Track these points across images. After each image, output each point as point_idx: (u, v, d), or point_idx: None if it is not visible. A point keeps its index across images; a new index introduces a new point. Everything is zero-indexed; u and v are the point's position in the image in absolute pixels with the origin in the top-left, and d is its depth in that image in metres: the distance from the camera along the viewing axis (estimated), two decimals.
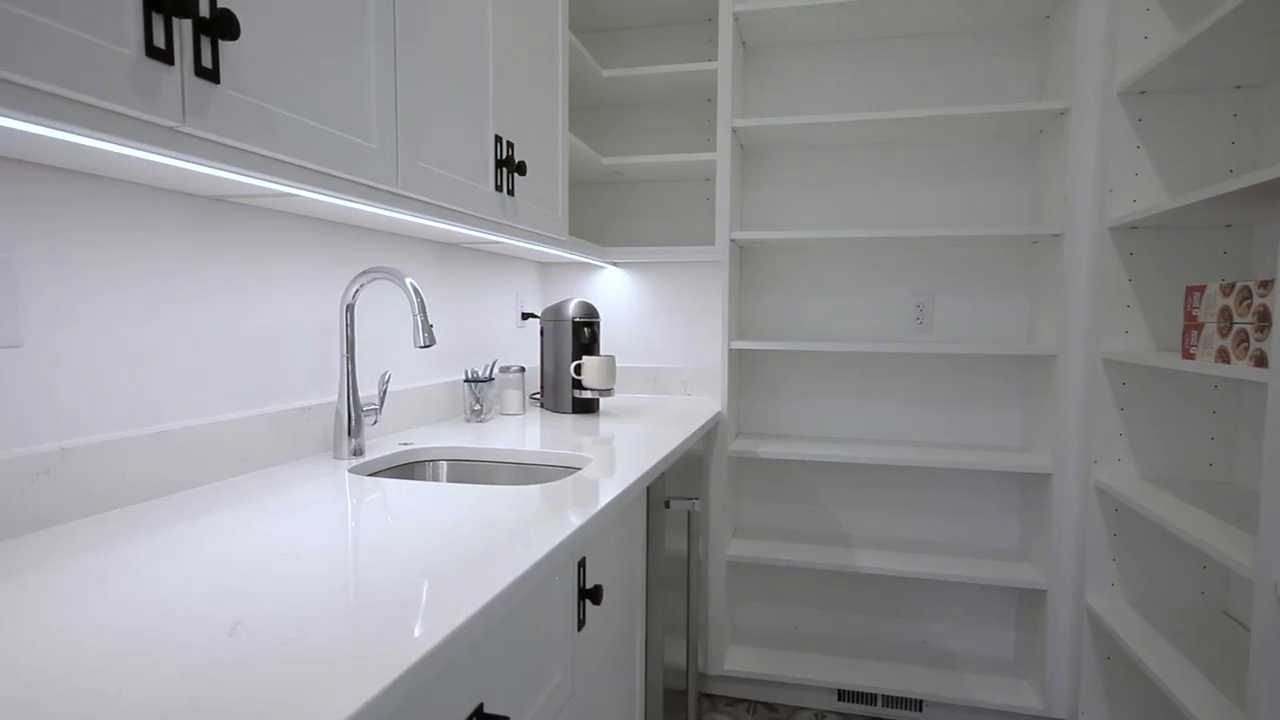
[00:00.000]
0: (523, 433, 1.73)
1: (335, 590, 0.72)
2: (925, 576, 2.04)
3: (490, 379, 1.86)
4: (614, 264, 2.50)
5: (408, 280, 1.29)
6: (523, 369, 1.99)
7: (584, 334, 2.04)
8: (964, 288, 2.24)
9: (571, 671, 1.04)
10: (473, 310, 2.04)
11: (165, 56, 0.71)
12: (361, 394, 1.53)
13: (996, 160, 2.19)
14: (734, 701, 2.24)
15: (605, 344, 2.55)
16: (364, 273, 1.32)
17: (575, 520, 0.98)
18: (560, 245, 1.84)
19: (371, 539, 0.89)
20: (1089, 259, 1.90)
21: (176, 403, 1.11)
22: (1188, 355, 1.51)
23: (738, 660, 2.25)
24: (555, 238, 1.76)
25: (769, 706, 2.22)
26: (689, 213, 2.46)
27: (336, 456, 1.35)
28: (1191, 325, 1.50)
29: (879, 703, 2.16)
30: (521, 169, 1.47)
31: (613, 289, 2.53)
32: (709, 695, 2.28)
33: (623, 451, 1.49)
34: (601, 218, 2.53)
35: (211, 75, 0.76)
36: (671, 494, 1.69)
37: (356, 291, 1.34)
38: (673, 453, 1.53)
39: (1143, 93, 1.76)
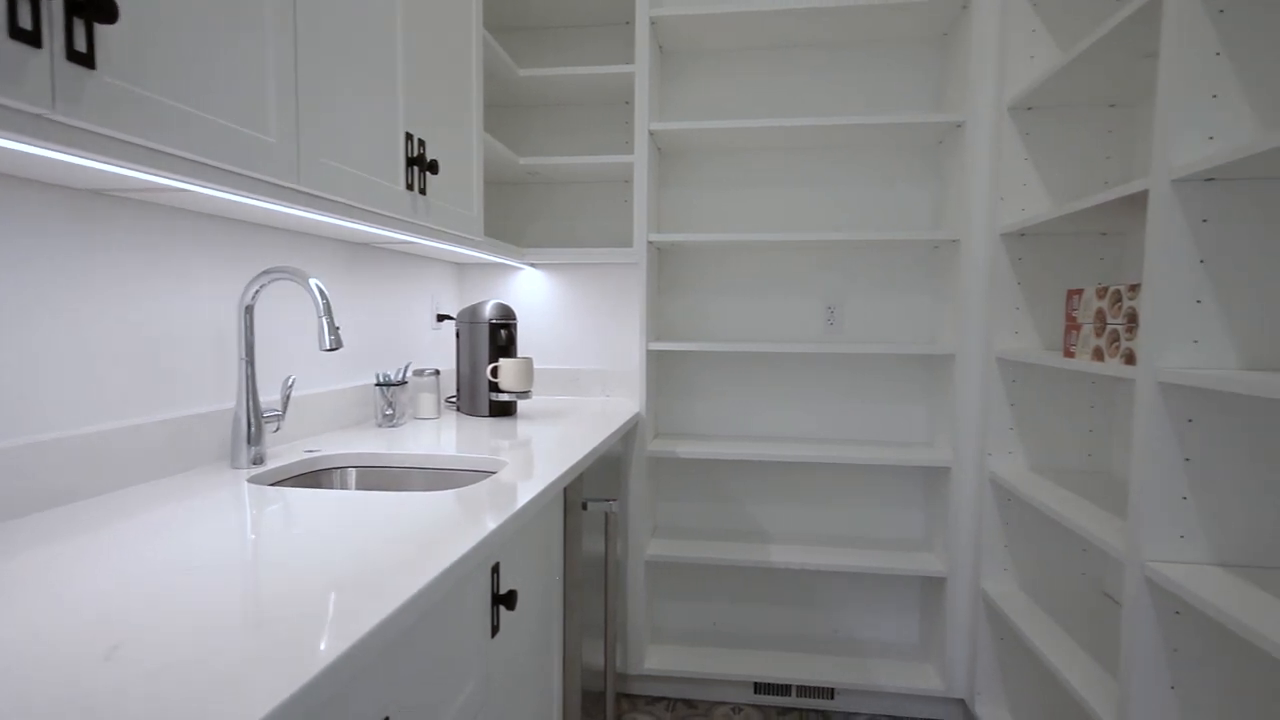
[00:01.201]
0: (437, 437, 1.69)
1: (228, 607, 0.68)
2: (836, 569, 2.12)
3: (403, 382, 1.81)
4: (532, 265, 2.48)
5: (312, 281, 1.24)
6: (437, 372, 1.94)
7: (501, 336, 2.01)
8: (872, 290, 2.34)
9: (485, 679, 1.03)
10: (385, 312, 1.98)
11: (32, 39, 0.65)
12: (264, 399, 1.46)
13: (901, 168, 2.30)
14: (654, 700, 2.26)
15: (523, 346, 2.52)
16: (264, 273, 1.26)
17: (487, 526, 0.96)
18: (476, 246, 1.81)
19: (270, 551, 0.85)
20: (983, 264, 2.01)
21: (60, 410, 1.03)
22: (1068, 354, 1.62)
23: (657, 659, 2.27)
24: (470, 238, 1.73)
25: (688, 703, 2.25)
26: (608, 214, 2.47)
27: (235, 466, 1.28)
28: (1071, 326, 1.61)
29: (793, 693, 2.22)
30: (434, 167, 1.43)
31: (531, 290, 2.51)
32: (629, 695, 2.29)
33: (540, 454, 1.48)
34: (519, 218, 2.51)
35: (86, 60, 0.71)
36: (590, 495, 1.69)
37: (256, 292, 1.27)
38: (590, 454, 1.53)
39: (1030, 108, 1.88)
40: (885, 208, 2.31)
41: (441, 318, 2.24)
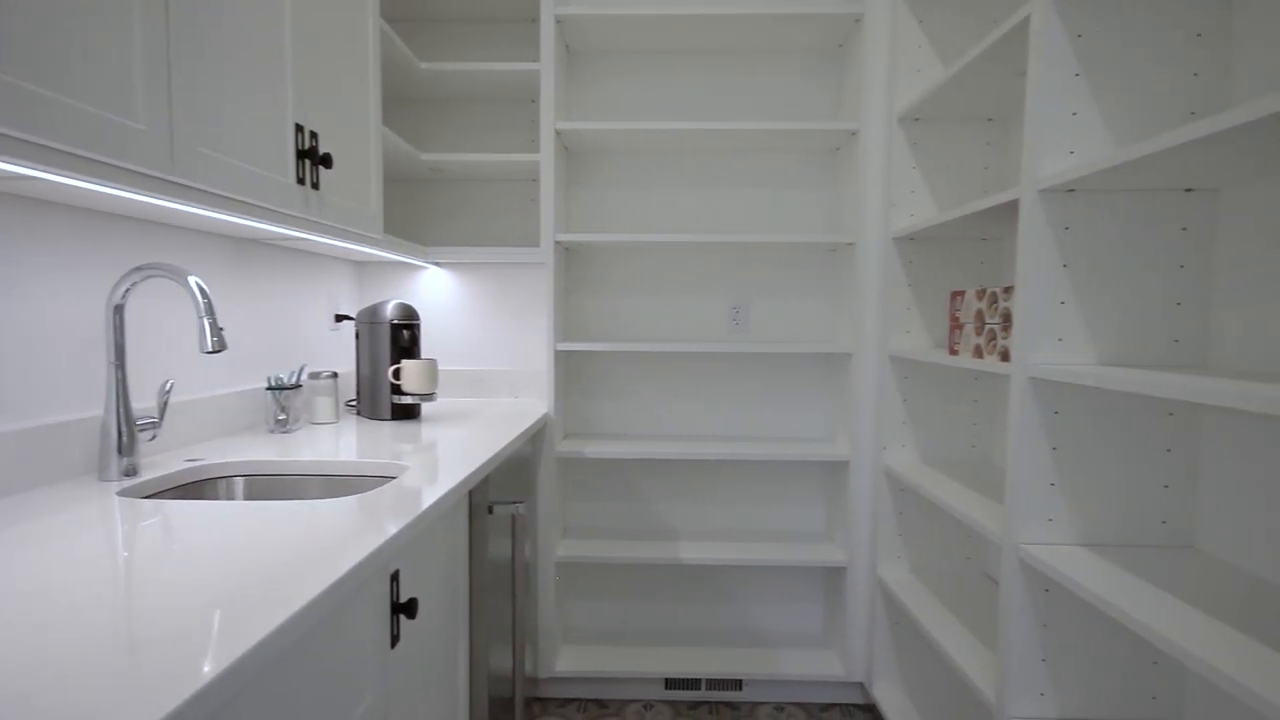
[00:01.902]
0: (336, 442, 1.62)
1: (94, 630, 0.63)
2: (743, 563, 2.17)
3: (297, 386, 1.72)
4: (436, 264, 2.41)
5: (191, 278, 1.16)
6: (335, 374, 1.86)
7: (403, 337, 1.95)
8: (776, 291, 2.41)
9: (384, 692, 0.99)
10: (278, 312, 1.88)
11: None
12: (138, 405, 1.36)
13: (802, 173, 2.38)
14: (565, 702, 2.25)
15: (428, 347, 2.46)
16: (136, 269, 1.18)
17: (384, 533, 0.93)
18: (375, 244, 1.75)
19: (143, 569, 0.79)
20: (877, 266, 2.11)
21: None
22: (952, 351, 1.72)
23: (569, 660, 2.26)
24: (369, 236, 1.67)
25: (600, 703, 2.25)
26: (516, 213, 2.43)
27: (103, 478, 1.19)
28: (955, 325, 1.72)
29: (703, 686, 2.26)
30: (327, 161, 1.37)
31: (436, 290, 2.45)
32: (540, 699, 2.27)
33: (444, 457, 1.45)
34: (423, 216, 2.44)
35: None
36: (496, 498, 1.67)
37: (127, 291, 1.18)
38: (496, 456, 1.50)
39: (917, 120, 1.99)
40: (788, 211, 2.39)
41: (340, 318, 2.16)
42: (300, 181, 1.32)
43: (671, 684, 2.27)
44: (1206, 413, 1.28)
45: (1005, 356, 1.44)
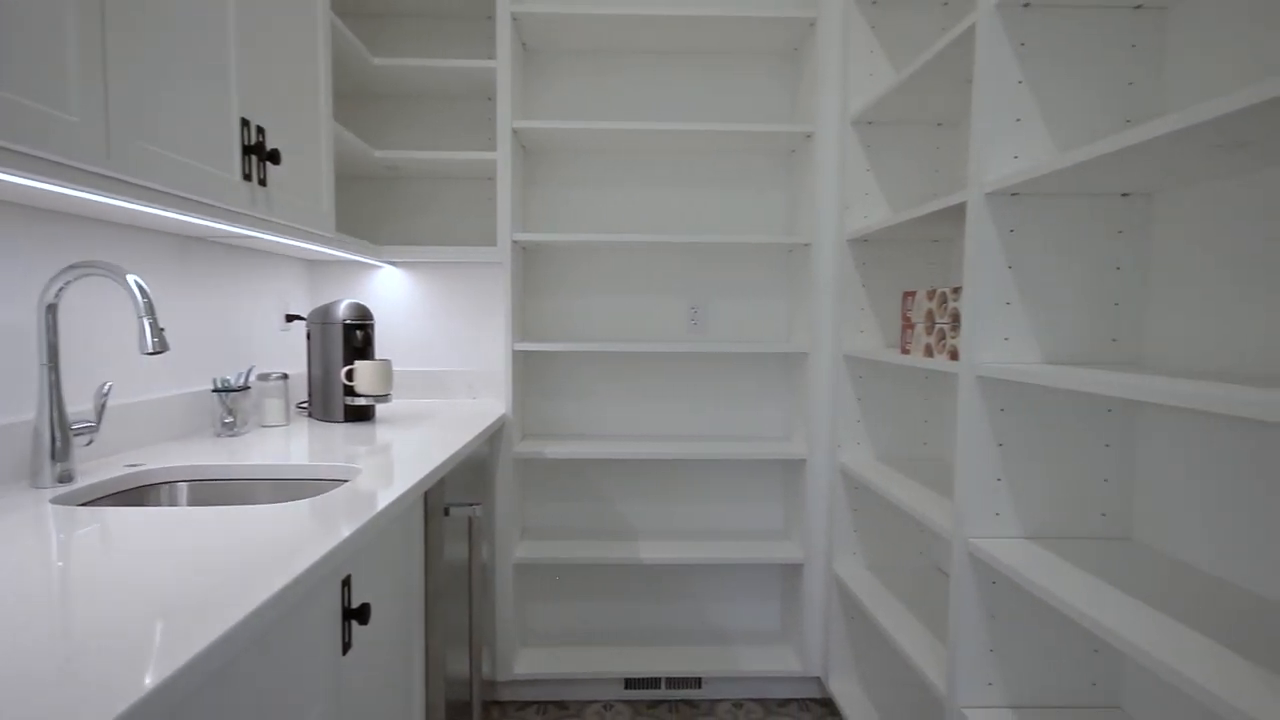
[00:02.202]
0: (286, 445, 1.59)
1: (22, 643, 0.60)
2: (702, 562, 2.18)
3: (245, 387, 1.68)
4: (391, 263, 2.37)
5: (130, 277, 1.12)
6: (286, 376, 1.82)
7: (356, 337, 1.91)
8: (733, 291, 2.43)
9: (335, 700, 0.97)
10: (225, 311, 1.83)
11: None
12: (74, 409, 1.31)
13: (759, 174, 2.40)
14: (524, 705, 2.23)
15: (383, 347, 2.42)
16: (71, 267, 1.13)
17: (334, 538, 0.91)
18: (327, 242, 1.71)
19: (77, 579, 0.76)
20: (832, 267, 2.14)
21: None
22: (904, 350, 1.76)
23: (528, 663, 2.25)
24: (320, 234, 1.63)
25: (559, 705, 2.24)
26: (473, 212, 2.41)
27: (36, 485, 1.14)
28: (907, 325, 1.75)
29: (663, 685, 2.27)
30: (275, 157, 1.34)
31: (391, 290, 2.41)
32: (498, 702, 2.25)
33: (399, 459, 1.42)
34: (378, 215, 2.39)
35: None
36: (454, 500, 1.65)
37: (60, 290, 1.14)
38: (452, 458, 1.48)
39: (870, 123, 2.03)
40: (746, 211, 2.41)
41: (291, 318, 2.10)
42: (247, 178, 1.28)
43: (631, 683, 2.27)
44: (1142, 409, 1.33)
45: (954, 355, 1.48)
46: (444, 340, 2.42)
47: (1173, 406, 1.11)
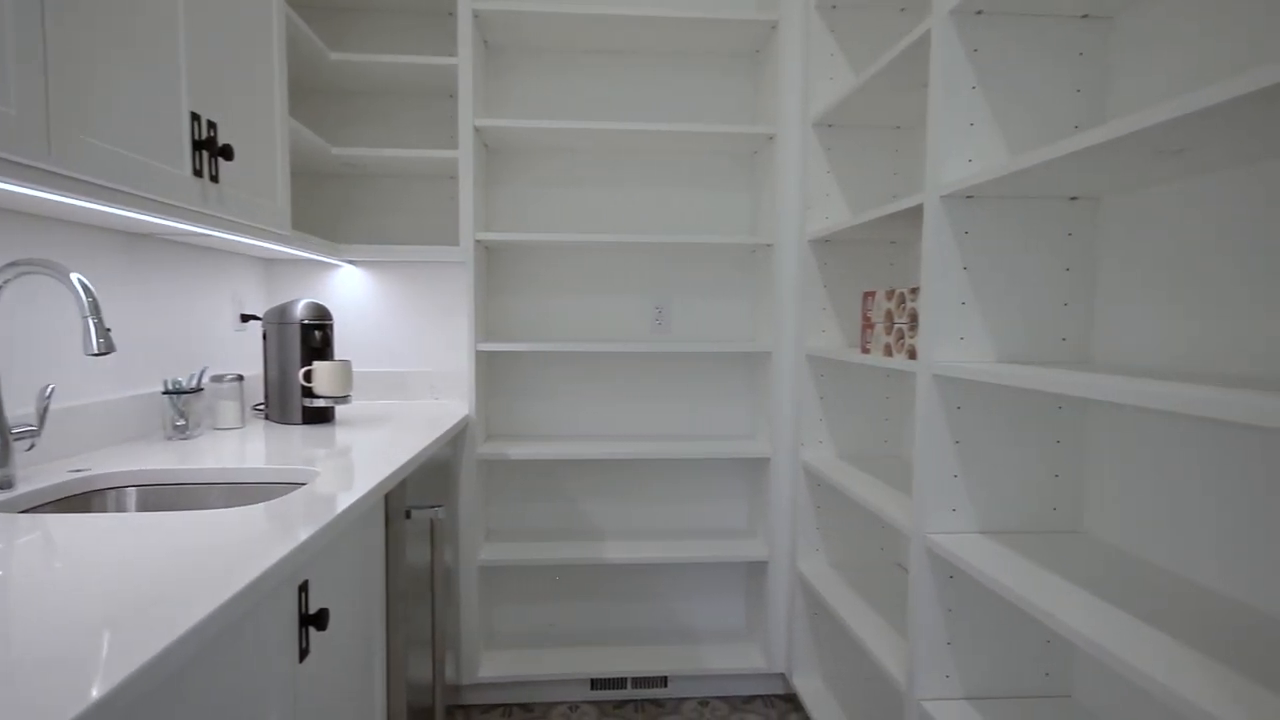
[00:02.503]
0: (242, 448, 1.55)
1: None
2: (668, 561, 2.19)
3: (198, 389, 1.63)
4: (351, 262, 2.33)
5: (74, 275, 1.08)
6: (241, 377, 1.78)
7: (315, 337, 1.88)
8: (698, 291, 2.44)
9: (293, 707, 0.95)
10: (177, 311, 1.78)
11: None
12: (16, 413, 1.26)
13: (722, 175, 2.42)
14: (489, 708, 2.22)
15: (342, 348, 2.37)
16: (10, 265, 1.09)
17: (290, 543, 0.89)
18: (283, 240, 1.67)
19: (17, 590, 0.73)
20: (794, 267, 2.17)
21: None
22: (864, 350, 1.79)
23: (493, 666, 2.23)
24: (275, 231, 1.60)
25: (524, 707, 2.23)
26: (435, 210, 2.38)
27: None
28: (866, 325, 1.78)
29: (629, 685, 2.27)
30: (227, 153, 1.31)
31: (351, 289, 2.37)
32: (462, 706, 2.22)
33: (359, 461, 1.40)
34: (337, 213, 2.35)
35: None
36: (416, 502, 1.63)
37: None
38: (414, 459, 1.47)
39: (830, 125, 2.05)
40: (709, 212, 2.43)
41: (246, 318, 2.05)
42: (197, 173, 1.25)
43: (597, 684, 2.27)
44: (1091, 406, 1.37)
45: (912, 355, 1.51)
46: (405, 341, 2.39)
47: (1118, 403, 1.15)
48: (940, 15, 1.30)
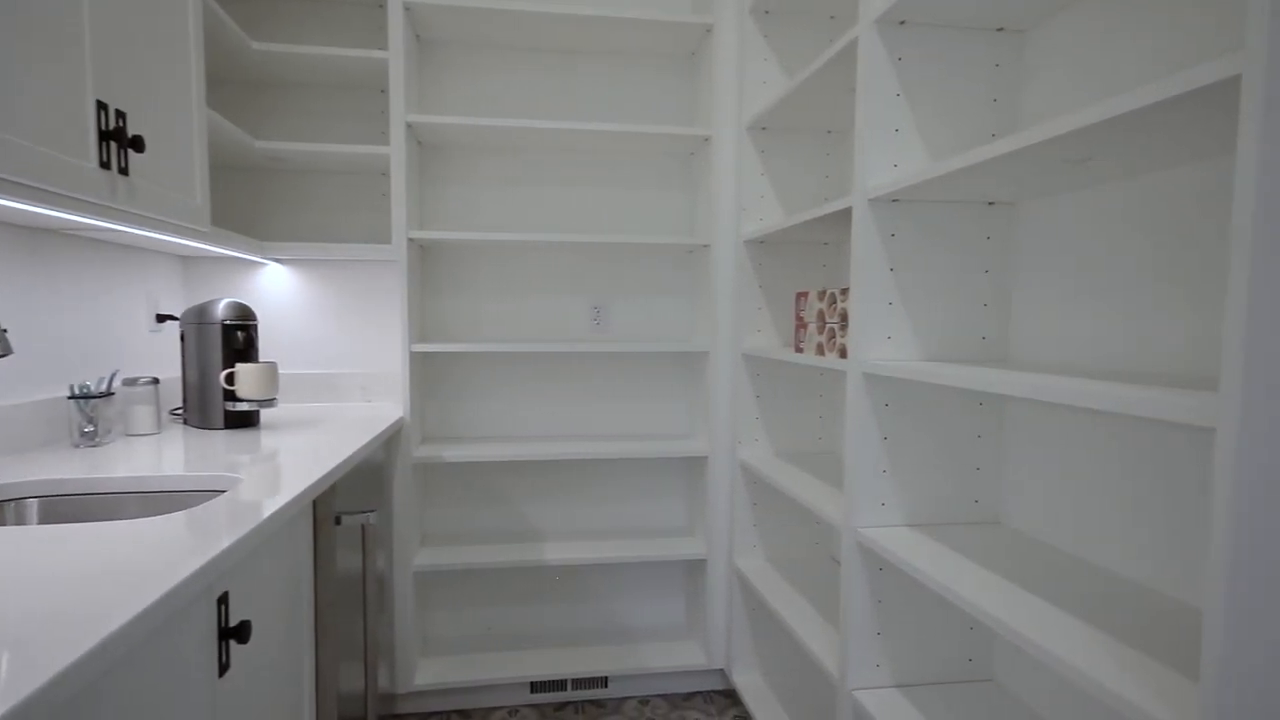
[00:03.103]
0: (158, 455, 1.47)
1: None
2: (607, 561, 2.19)
3: (109, 394, 1.55)
4: (276, 260, 2.25)
5: None
6: (156, 380, 1.69)
7: (237, 338, 1.80)
8: (636, 291, 2.45)
9: None
10: (85, 311, 1.68)
11: None
12: None
13: (660, 175, 2.43)
14: (426, 716, 2.17)
15: (268, 349, 2.29)
16: None
17: (207, 553, 0.86)
18: (201, 236, 1.60)
19: None
20: (730, 268, 2.19)
21: None
22: (798, 349, 1.83)
23: (430, 673, 2.19)
24: (192, 227, 1.52)
25: (463, 714, 2.19)
26: (368, 208, 2.31)
27: None
28: (800, 325, 1.82)
29: (569, 687, 2.26)
30: (138, 144, 1.24)
31: (278, 288, 2.28)
32: (398, 715, 2.17)
33: (286, 466, 1.35)
34: (262, 209, 2.26)
35: None
36: (346, 508, 1.58)
37: None
38: (343, 464, 1.42)
39: (764, 129, 2.09)
40: (648, 212, 2.44)
41: (162, 318, 1.96)
42: (105, 165, 1.18)
43: (537, 687, 2.25)
44: (1008, 402, 1.43)
45: (843, 354, 1.55)
46: (336, 341, 2.32)
47: (1029, 399, 1.21)
48: (866, 24, 1.33)
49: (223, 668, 0.95)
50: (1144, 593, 1.08)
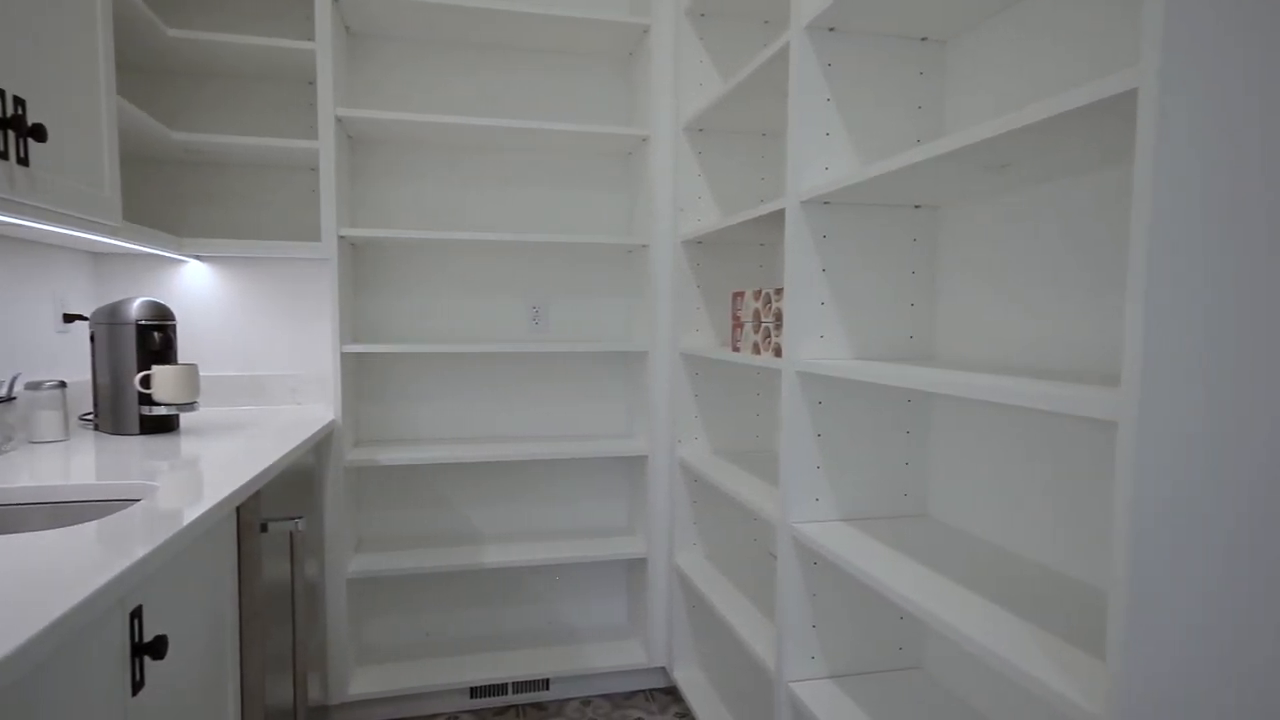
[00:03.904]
0: (65, 463, 1.39)
1: None
2: (547, 562, 2.17)
3: (9, 398, 1.45)
4: (197, 257, 2.15)
5: None
6: (63, 384, 1.59)
7: (153, 339, 1.71)
8: (575, 291, 2.44)
9: None
10: None
11: None
12: None
13: (599, 175, 2.43)
14: None
15: (189, 350, 2.19)
16: None
17: (115, 567, 0.81)
18: (112, 232, 1.52)
19: None
20: (669, 268, 2.21)
21: None
22: (735, 349, 1.85)
23: (364, 682, 2.13)
24: (102, 222, 1.44)
25: None
26: (297, 204, 2.23)
27: None
28: (736, 324, 1.84)
29: (510, 691, 2.23)
30: (39, 133, 1.17)
31: (200, 287, 2.18)
32: None
33: (206, 473, 1.29)
34: (184, 204, 2.16)
35: None
36: (272, 515, 1.52)
37: None
38: (269, 469, 1.37)
39: (701, 130, 2.11)
40: (586, 211, 2.43)
41: (70, 318, 1.85)
42: (3, 156, 1.11)
43: (477, 692, 2.21)
44: (934, 399, 1.49)
45: (778, 353, 1.58)
46: (263, 342, 2.24)
47: (953, 396, 1.25)
48: (797, 30, 1.36)
49: (136, 686, 0.91)
50: (1060, 579, 1.13)
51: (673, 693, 2.33)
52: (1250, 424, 0.72)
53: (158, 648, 0.93)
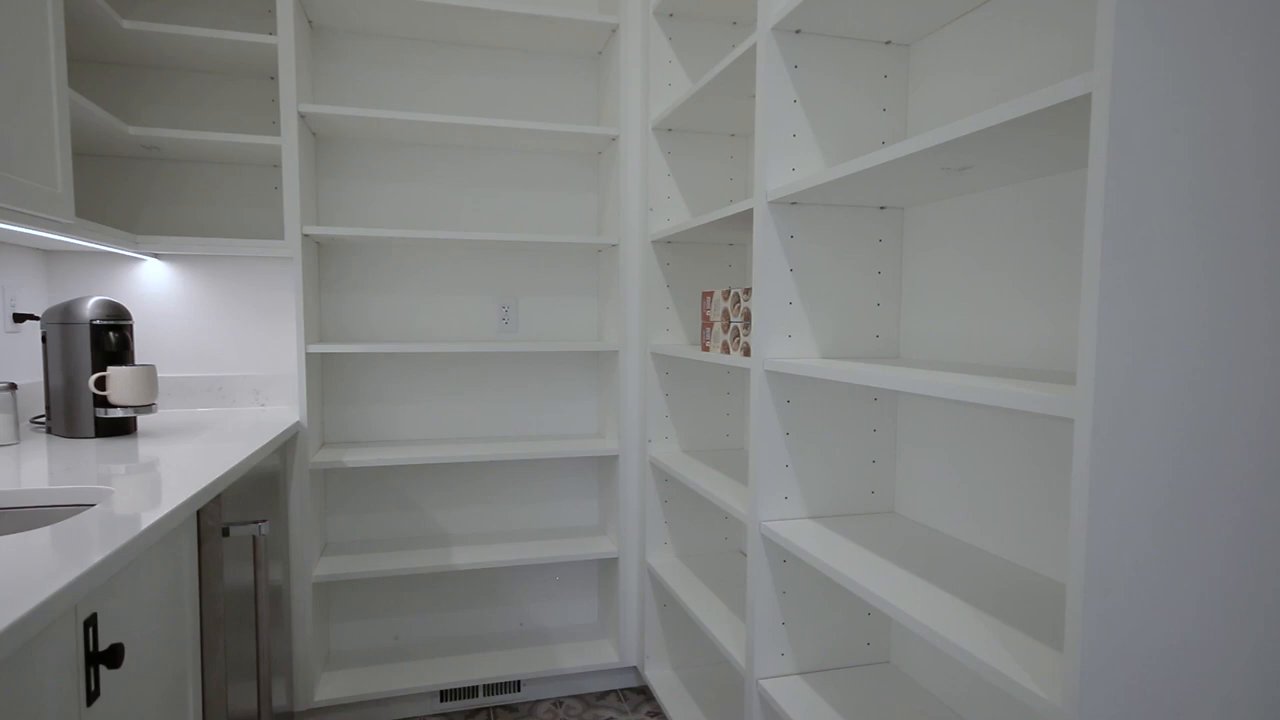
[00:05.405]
0: (17, 467, 1.35)
1: None
2: (518, 563, 2.16)
3: None
4: (154, 255, 2.10)
5: None
6: (13, 386, 1.54)
7: (109, 339, 1.67)
8: (545, 290, 2.43)
9: None
10: None
11: None
12: None
13: (569, 174, 2.42)
14: None
15: (149, 351, 2.13)
16: None
17: (67, 575, 0.79)
18: (64, 229, 1.47)
19: None
20: (638, 267, 2.21)
21: None
22: (705, 348, 1.86)
23: (331, 687, 2.10)
24: (53, 219, 1.40)
25: None
26: (260, 202, 2.19)
27: None
28: (706, 324, 1.85)
29: (481, 693, 2.22)
30: None
31: (157, 286, 2.13)
32: None
33: (165, 477, 1.26)
34: (142, 201, 2.10)
35: None
36: (234, 519, 1.49)
37: None
38: (230, 472, 1.34)
39: (670, 130, 2.12)
40: (557, 211, 2.42)
41: (20, 317, 1.79)
42: None
43: (447, 695, 2.19)
44: (900, 397, 1.51)
45: (747, 352, 1.59)
46: (225, 343, 2.19)
47: (918, 395, 1.27)
48: (764, 32, 1.37)
49: (91, 696, 0.88)
50: (1023, 574, 1.16)
51: (645, 692, 2.33)
52: (1202, 419, 0.74)
53: (113, 656, 0.90)
